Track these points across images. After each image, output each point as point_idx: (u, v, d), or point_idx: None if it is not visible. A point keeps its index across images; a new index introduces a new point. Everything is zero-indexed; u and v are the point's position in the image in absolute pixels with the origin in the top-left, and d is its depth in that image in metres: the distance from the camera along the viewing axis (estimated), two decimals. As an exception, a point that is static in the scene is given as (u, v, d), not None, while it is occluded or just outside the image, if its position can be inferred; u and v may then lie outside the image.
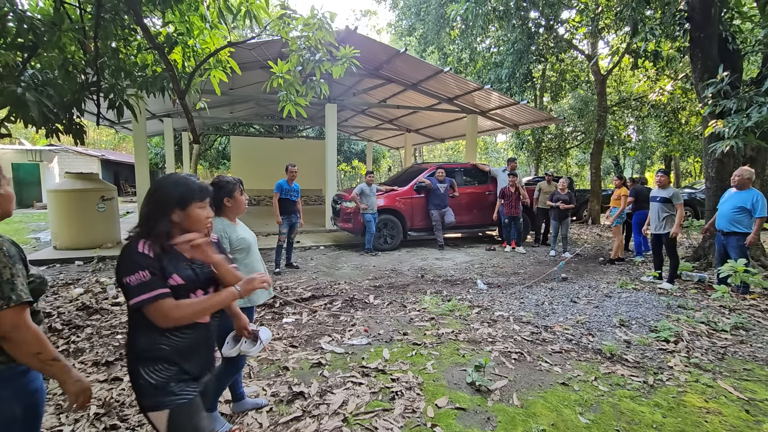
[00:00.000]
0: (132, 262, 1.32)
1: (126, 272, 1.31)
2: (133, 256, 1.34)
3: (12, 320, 1.15)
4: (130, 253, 1.35)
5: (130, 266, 1.32)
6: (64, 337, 3.50)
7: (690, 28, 6.27)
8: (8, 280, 1.16)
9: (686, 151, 16.00)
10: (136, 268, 1.31)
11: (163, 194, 1.44)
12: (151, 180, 14.95)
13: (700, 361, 3.24)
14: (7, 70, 2.64)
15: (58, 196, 7.08)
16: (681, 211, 5.31)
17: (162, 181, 1.47)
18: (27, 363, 1.21)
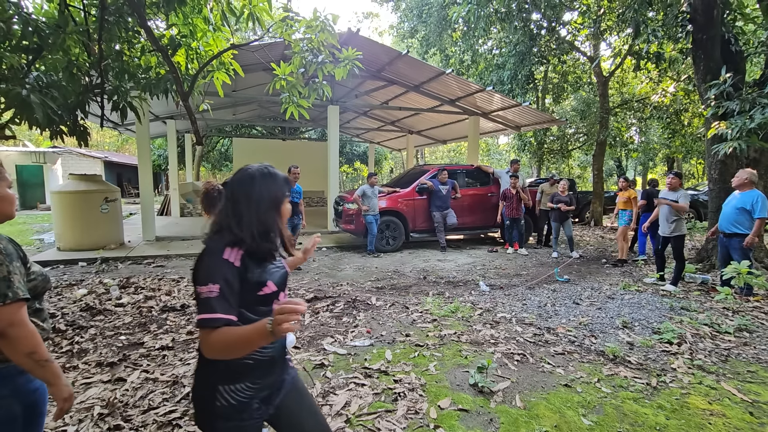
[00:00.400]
0: (210, 270, 1.13)
1: (200, 279, 1.13)
2: (215, 262, 1.14)
3: (8, 317, 1.16)
4: (213, 259, 1.15)
5: (206, 274, 1.13)
6: (67, 338, 3.52)
7: (692, 30, 6.26)
8: (4, 278, 1.16)
9: (689, 153, 15.96)
10: (210, 279, 1.12)
11: (265, 191, 1.26)
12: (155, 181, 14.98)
13: (703, 363, 3.23)
14: (12, 72, 2.67)
15: (62, 198, 7.12)
16: (681, 206, 5.23)
17: (250, 174, 1.27)
18: (19, 362, 1.21)
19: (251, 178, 1.26)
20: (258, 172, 1.27)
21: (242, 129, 20.03)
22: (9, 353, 1.19)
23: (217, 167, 26.25)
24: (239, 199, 1.24)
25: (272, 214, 1.26)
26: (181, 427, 2.30)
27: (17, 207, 1.38)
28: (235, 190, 1.26)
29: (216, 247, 1.17)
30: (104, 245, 7.27)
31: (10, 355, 1.20)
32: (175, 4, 2.95)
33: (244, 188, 1.25)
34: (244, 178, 1.27)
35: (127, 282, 5.31)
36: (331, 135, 9.68)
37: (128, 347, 3.39)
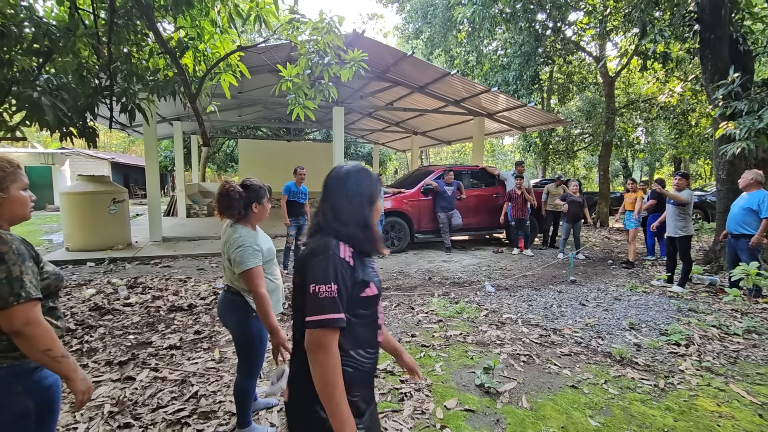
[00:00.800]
0: (330, 268, 1.09)
1: (319, 278, 1.08)
2: (333, 260, 1.10)
3: (24, 316, 1.18)
4: (332, 258, 1.11)
5: (326, 272, 1.09)
6: (77, 337, 3.56)
7: (700, 30, 6.22)
8: (17, 278, 1.19)
9: (696, 153, 15.83)
10: (330, 278, 1.08)
11: (363, 187, 1.25)
12: (161, 182, 15.01)
13: (711, 365, 3.20)
14: (23, 75, 2.70)
15: (71, 199, 7.19)
16: (684, 198, 5.21)
17: (347, 171, 1.26)
18: (37, 359, 1.23)
19: (348, 174, 1.25)
20: (354, 169, 1.27)
21: (248, 130, 20.14)
22: (26, 351, 1.22)
23: (223, 168, 26.41)
24: (339, 195, 1.22)
25: (370, 209, 1.25)
26: (190, 425, 2.32)
27: (32, 207, 1.39)
28: (334, 188, 1.24)
29: (330, 244, 1.13)
30: (112, 246, 7.33)
31: (28, 352, 1.22)
32: (183, 7, 2.98)
33: (343, 185, 1.23)
34: (341, 175, 1.25)
35: (134, 282, 5.35)
36: (336, 136, 9.71)
37: (137, 346, 3.42)
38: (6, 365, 1.24)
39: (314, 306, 1.06)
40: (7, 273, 1.18)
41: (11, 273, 1.18)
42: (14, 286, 1.17)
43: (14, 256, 1.20)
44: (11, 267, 1.19)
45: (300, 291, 1.15)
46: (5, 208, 1.29)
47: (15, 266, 1.19)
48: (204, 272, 6.18)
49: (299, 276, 1.17)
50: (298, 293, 1.18)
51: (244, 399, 2.16)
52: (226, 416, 2.43)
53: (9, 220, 1.32)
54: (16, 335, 1.19)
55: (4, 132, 2.75)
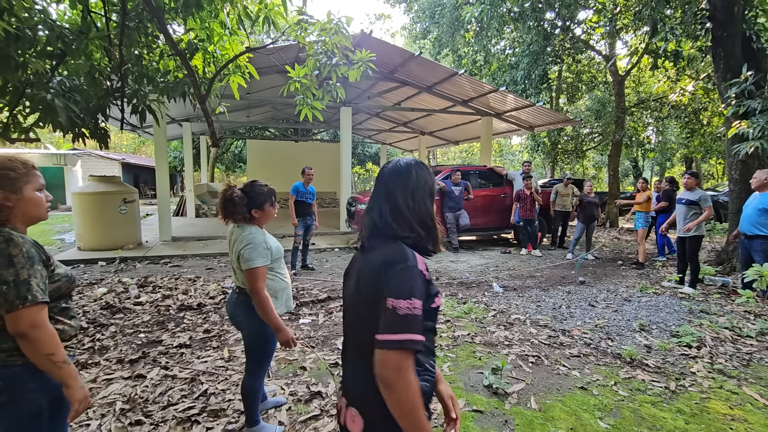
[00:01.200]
0: (413, 283, 0.97)
1: (400, 292, 0.95)
2: (414, 273, 0.98)
3: (30, 319, 1.20)
4: (413, 270, 0.98)
5: (411, 288, 0.96)
6: (89, 335, 3.61)
7: (712, 27, 6.13)
8: (25, 281, 1.20)
9: (708, 153, 15.61)
10: (414, 292, 0.96)
11: (425, 181, 1.13)
12: (171, 183, 15.15)
13: (724, 368, 3.16)
14: (37, 77, 2.75)
15: (82, 199, 7.30)
16: (708, 213, 5.09)
17: (407, 164, 1.13)
18: (38, 363, 1.23)
19: (409, 168, 1.12)
20: (413, 162, 1.14)
21: (256, 131, 20.26)
22: (29, 354, 1.23)
23: (231, 168, 26.61)
24: (402, 193, 1.09)
25: (432, 205, 1.14)
26: (200, 423, 2.35)
27: (47, 208, 1.41)
28: (393, 184, 1.10)
29: (407, 253, 1.01)
30: (123, 245, 7.43)
31: (30, 355, 1.23)
32: (193, 9, 3.01)
33: (405, 180, 1.10)
34: (401, 169, 1.12)
35: (145, 281, 5.42)
36: (344, 136, 9.73)
37: (147, 345, 3.46)
38: (20, 363, 1.26)
39: (393, 323, 0.93)
40: (15, 276, 1.19)
41: (19, 276, 1.20)
42: (21, 289, 1.19)
43: (23, 260, 1.22)
44: (19, 270, 1.20)
45: (363, 301, 1.02)
46: (19, 209, 1.30)
47: (23, 269, 1.21)
48: (213, 272, 6.23)
49: (360, 282, 1.04)
50: (358, 303, 1.05)
51: (252, 398, 2.18)
52: (235, 414, 2.45)
53: (24, 221, 1.34)
54: (20, 337, 1.21)
55: (18, 133, 2.80)
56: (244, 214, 2.10)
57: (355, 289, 1.09)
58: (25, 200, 1.31)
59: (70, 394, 1.29)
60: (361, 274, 1.07)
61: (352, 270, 1.16)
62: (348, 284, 1.16)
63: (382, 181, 1.13)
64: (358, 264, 1.13)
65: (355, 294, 1.09)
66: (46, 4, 2.87)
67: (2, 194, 1.27)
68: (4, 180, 1.28)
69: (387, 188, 1.11)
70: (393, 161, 1.15)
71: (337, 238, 9.25)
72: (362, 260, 1.10)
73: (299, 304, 4.59)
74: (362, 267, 1.08)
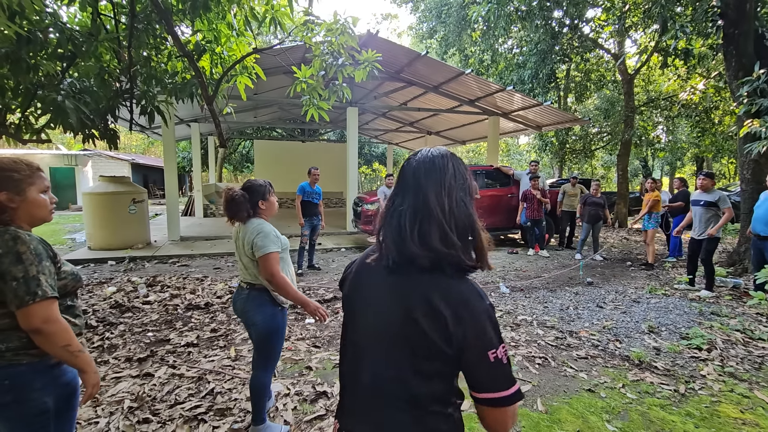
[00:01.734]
0: (497, 326, 0.85)
1: (494, 339, 0.83)
2: (493, 314, 0.85)
3: (43, 314, 1.22)
4: (492, 310, 0.86)
5: (497, 329, 0.84)
6: (98, 333, 3.65)
7: (723, 25, 6.05)
8: (34, 277, 1.22)
9: (719, 152, 15.39)
10: (500, 334, 0.85)
11: (468, 179, 0.95)
12: (179, 183, 15.32)
13: (735, 371, 3.11)
14: (48, 79, 2.79)
15: (93, 199, 7.39)
16: (729, 215, 4.96)
17: (443, 157, 0.92)
18: (57, 355, 1.28)
19: (445, 161, 0.91)
20: (448, 153, 0.93)
21: (263, 131, 20.37)
22: (46, 347, 1.26)
23: (239, 169, 26.79)
24: (450, 201, 0.88)
25: (473, 211, 0.94)
26: (206, 422, 2.36)
27: (52, 209, 1.42)
28: (435, 189, 0.88)
29: (479, 290, 0.86)
30: (132, 245, 7.51)
31: (48, 349, 1.26)
32: (201, 11, 3.03)
33: (453, 182, 0.90)
34: (437, 166, 0.90)
35: (153, 280, 5.47)
36: (350, 136, 9.74)
37: (155, 344, 3.50)
38: (25, 362, 1.27)
39: (504, 376, 0.83)
40: (24, 272, 1.21)
41: (28, 272, 1.22)
42: (31, 285, 1.21)
43: (32, 256, 1.24)
44: (28, 267, 1.22)
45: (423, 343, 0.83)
46: (23, 210, 1.32)
47: (32, 266, 1.23)
48: (220, 271, 6.27)
49: (415, 319, 0.83)
50: (411, 340, 0.85)
51: (261, 395, 2.20)
52: (242, 414, 2.47)
53: (28, 222, 1.36)
54: (35, 333, 1.23)
55: (30, 134, 2.85)
56: (248, 210, 2.17)
57: (402, 323, 0.85)
58: (28, 202, 1.33)
59: (86, 379, 1.34)
60: (414, 309, 0.84)
61: (378, 296, 0.92)
62: (374, 312, 0.92)
63: (411, 179, 0.91)
64: (393, 291, 0.88)
65: (403, 328, 0.85)
66: (57, 7, 2.92)
67: (6, 195, 1.28)
68: (8, 181, 1.29)
69: (419, 187, 0.88)
70: (424, 152, 0.94)
71: (343, 238, 9.27)
72: (403, 287, 0.87)
73: (305, 303, 4.60)
74: (413, 301, 0.84)
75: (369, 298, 0.94)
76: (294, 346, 3.47)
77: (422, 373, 0.85)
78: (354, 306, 0.98)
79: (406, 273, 0.87)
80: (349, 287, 1.01)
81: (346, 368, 1.00)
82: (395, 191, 0.94)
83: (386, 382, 0.89)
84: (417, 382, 0.85)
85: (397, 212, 0.89)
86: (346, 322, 1.01)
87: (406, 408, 0.86)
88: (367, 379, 0.92)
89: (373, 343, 0.92)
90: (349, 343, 0.99)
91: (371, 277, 0.94)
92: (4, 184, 1.29)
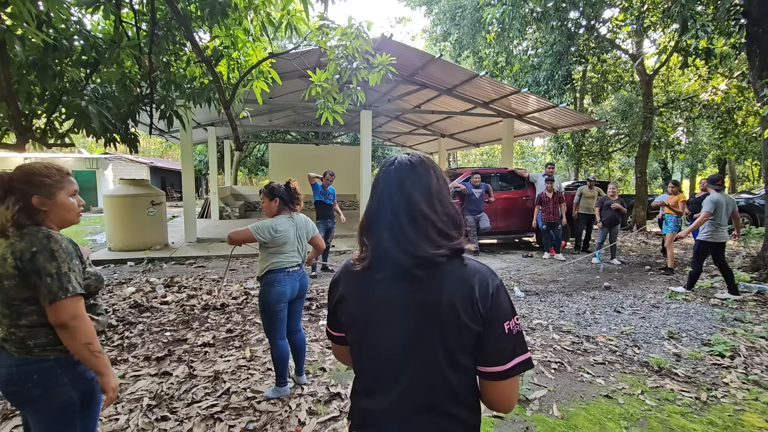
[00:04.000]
0: (509, 298, 0.91)
1: (508, 310, 0.88)
2: (504, 288, 0.91)
3: (71, 310, 1.27)
4: (502, 284, 0.91)
5: (510, 301, 0.90)
6: (118, 333, 3.74)
7: (747, 23, 5.90)
8: (65, 274, 1.28)
9: (743, 154, 14.96)
10: (514, 309, 0.90)
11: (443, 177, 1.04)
12: (196, 185, 15.53)
13: (759, 379, 3.02)
14: (72, 85, 2.88)
15: (113, 201, 7.58)
16: (701, 218, 5.14)
17: (428, 162, 0.99)
18: (76, 352, 1.31)
19: (425, 166, 0.97)
20: (424, 156, 1.00)
21: (277, 135, 20.59)
22: (68, 343, 1.30)
23: (254, 172, 27.12)
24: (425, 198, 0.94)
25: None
26: (222, 421, 2.40)
27: (80, 212, 1.48)
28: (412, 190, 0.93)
29: (487, 268, 0.92)
30: (150, 246, 7.67)
31: (70, 345, 1.30)
32: (218, 17, 3.10)
33: (424, 183, 0.95)
34: (416, 170, 0.95)
35: (171, 281, 5.58)
36: (364, 139, 9.78)
37: (173, 343, 3.56)
38: (53, 357, 1.33)
39: (517, 345, 0.87)
40: (57, 269, 1.27)
41: (61, 269, 1.27)
42: (63, 281, 1.27)
43: (64, 254, 1.30)
44: (61, 264, 1.28)
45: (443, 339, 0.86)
46: (53, 213, 1.39)
47: (64, 263, 1.29)
48: (236, 273, 6.36)
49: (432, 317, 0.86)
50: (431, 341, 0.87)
51: (278, 362, 2.64)
52: (257, 413, 2.49)
53: (58, 224, 1.42)
54: (62, 327, 1.28)
55: (54, 138, 2.94)
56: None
57: (416, 327, 0.87)
58: (58, 205, 1.39)
59: (104, 382, 1.37)
60: (425, 308, 0.87)
61: (386, 307, 0.91)
62: (385, 323, 0.91)
63: (392, 186, 0.93)
64: (413, 293, 0.88)
65: (437, 323, 0.86)
66: (81, 15, 3.01)
67: (38, 199, 1.35)
68: (41, 186, 1.36)
69: (405, 195, 0.91)
70: (397, 159, 0.97)
71: (355, 241, 9.28)
72: (426, 287, 0.88)
73: (319, 305, 4.63)
74: (425, 299, 0.87)
75: (379, 306, 0.92)
76: (308, 347, 3.49)
77: (459, 366, 0.87)
78: (365, 317, 0.94)
79: (423, 272, 0.87)
80: (348, 299, 0.98)
81: (368, 376, 0.98)
82: (378, 200, 0.94)
83: (425, 385, 0.88)
84: (455, 377, 0.87)
85: (388, 220, 0.90)
86: (356, 337, 0.98)
87: (448, 405, 0.88)
88: (401, 385, 0.89)
89: (400, 348, 0.90)
90: (365, 351, 0.96)
91: (374, 287, 0.93)
92: (36, 188, 1.35)
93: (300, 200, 2.79)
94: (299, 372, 2.87)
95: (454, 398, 0.88)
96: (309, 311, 4.44)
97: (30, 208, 1.34)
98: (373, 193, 0.97)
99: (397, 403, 0.90)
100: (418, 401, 0.88)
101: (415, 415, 0.89)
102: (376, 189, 0.96)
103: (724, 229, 5.08)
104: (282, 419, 2.44)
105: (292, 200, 2.75)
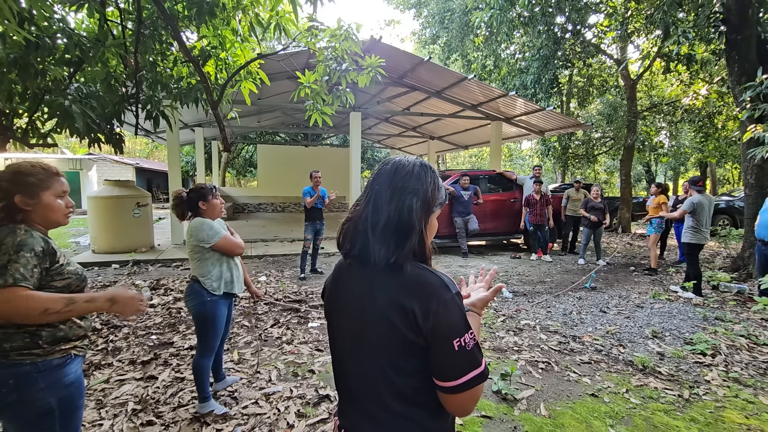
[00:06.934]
0: (464, 312, 0.87)
1: (462, 324, 0.85)
2: (460, 300, 0.88)
3: (5, 297, 1.20)
4: (458, 298, 0.87)
5: (465, 317, 0.87)
6: (103, 336, 3.67)
7: (726, 30, 6.06)
8: (3, 266, 1.22)
9: (723, 157, 15.35)
10: (466, 322, 0.86)
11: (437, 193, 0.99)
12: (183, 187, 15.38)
13: (739, 376, 3.09)
14: (55, 84, 2.83)
15: (97, 203, 7.44)
16: (678, 213, 5.53)
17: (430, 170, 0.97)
18: (46, 321, 1.26)
19: (423, 172, 0.96)
20: (426, 164, 0.98)
21: (266, 136, 20.46)
22: (28, 323, 1.26)
23: (242, 173, 26.88)
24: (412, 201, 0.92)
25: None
26: (209, 425, 2.37)
27: (68, 213, 1.44)
28: (402, 190, 0.92)
29: (443, 279, 0.88)
30: (136, 248, 7.54)
31: (33, 323, 1.26)
32: (206, 17, 3.07)
33: (416, 188, 0.93)
34: (413, 174, 0.94)
35: (157, 284, 5.49)
36: (353, 141, 9.78)
37: (159, 346, 3.51)
38: (29, 362, 1.28)
39: (468, 360, 0.84)
40: None
41: (1, 260, 1.22)
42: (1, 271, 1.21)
43: (9, 248, 1.24)
44: (2, 255, 1.23)
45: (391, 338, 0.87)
46: (37, 213, 1.35)
47: (5, 255, 1.23)
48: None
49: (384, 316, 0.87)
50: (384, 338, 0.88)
51: (200, 375, 2.47)
52: (245, 417, 2.47)
53: (43, 224, 1.38)
54: (7, 317, 1.22)
55: (36, 138, 2.88)
56: (184, 210, 2.57)
57: (377, 323, 0.88)
58: (42, 205, 1.36)
59: (103, 310, 1.36)
60: (368, 309, 0.90)
61: (352, 294, 0.95)
62: (351, 313, 0.95)
63: (386, 184, 0.93)
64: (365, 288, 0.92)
65: (376, 327, 0.88)
66: (65, 13, 2.96)
67: (20, 198, 1.32)
68: (24, 185, 1.33)
69: (395, 193, 0.91)
70: (396, 161, 0.97)
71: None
72: (373, 286, 0.90)
73: (308, 307, 4.61)
74: (378, 300, 0.89)
75: (344, 302, 0.98)
76: (296, 349, 3.47)
77: (401, 370, 0.88)
78: (335, 310, 1.01)
79: (372, 276, 0.91)
80: (328, 294, 1.04)
81: (336, 370, 1.04)
82: (370, 198, 0.95)
83: (371, 381, 0.91)
84: (399, 379, 0.88)
85: (364, 220, 0.92)
86: (329, 328, 1.05)
87: (394, 404, 0.89)
88: (354, 378, 0.95)
89: (353, 345, 0.95)
90: (334, 345, 1.03)
91: (345, 282, 0.99)
92: (19, 187, 1.32)
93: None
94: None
95: (401, 398, 0.89)
96: (298, 314, 4.41)
97: (12, 207, 1.31)
98: (366, 190, 0.99)
99: (352, 397, 0.97)
100: (370, 396, 0.92)
101: (370, 410, 0.92)
102: (373, 186, 0.97)
103: (706, 231, 5.20)
104: (270, 422, 2.42)
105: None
